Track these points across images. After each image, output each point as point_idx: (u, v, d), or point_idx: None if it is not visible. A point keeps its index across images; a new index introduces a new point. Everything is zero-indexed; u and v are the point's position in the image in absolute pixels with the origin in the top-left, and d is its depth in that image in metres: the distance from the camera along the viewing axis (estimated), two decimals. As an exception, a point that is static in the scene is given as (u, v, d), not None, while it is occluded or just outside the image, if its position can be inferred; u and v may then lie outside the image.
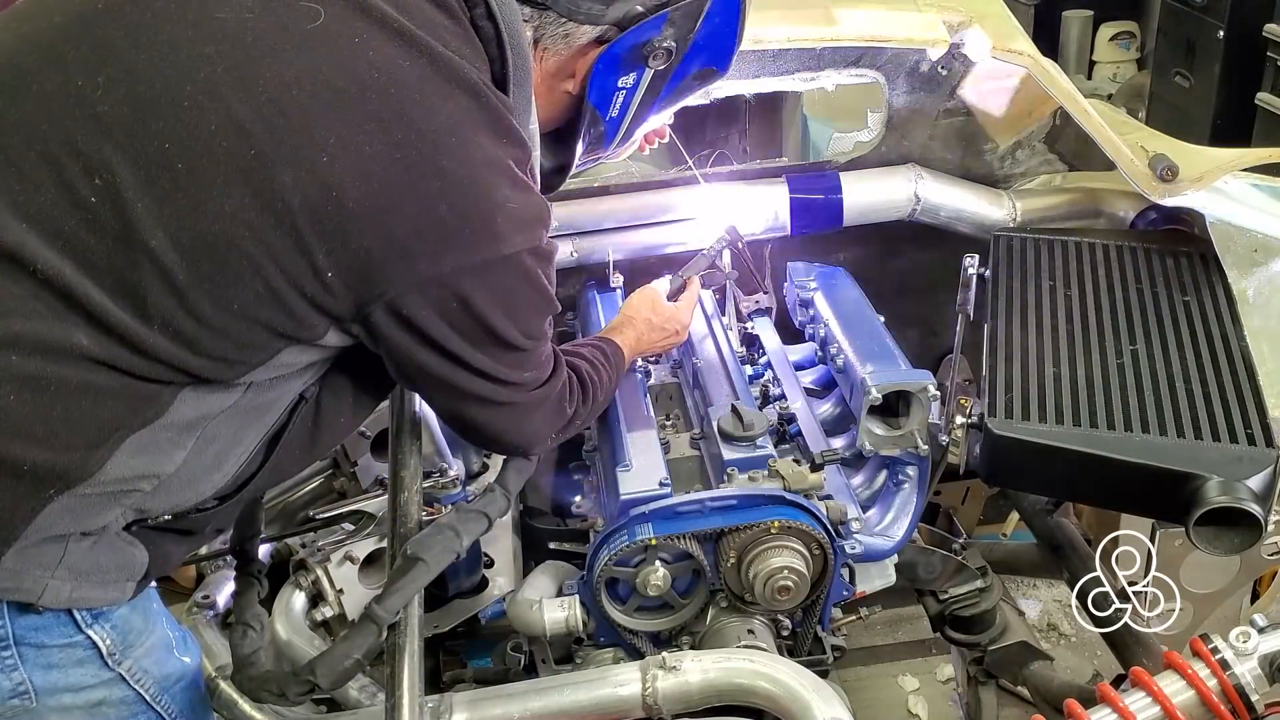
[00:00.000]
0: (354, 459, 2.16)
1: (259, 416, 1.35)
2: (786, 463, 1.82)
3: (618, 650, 1.81)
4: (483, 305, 1.33)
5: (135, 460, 1.24)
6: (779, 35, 2.26)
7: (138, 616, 1.35)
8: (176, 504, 1.32)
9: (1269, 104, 4.64)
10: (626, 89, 1.54)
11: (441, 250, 1.26)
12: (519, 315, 1.39)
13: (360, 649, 1.44)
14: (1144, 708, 1.37)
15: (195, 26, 1.21)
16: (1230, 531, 1.66)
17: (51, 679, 1.27)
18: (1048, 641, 2.93)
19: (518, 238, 1.31)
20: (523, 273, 1.35)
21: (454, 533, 1.52)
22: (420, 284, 1.27)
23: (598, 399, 1.71)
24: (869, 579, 1.91)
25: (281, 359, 1.30)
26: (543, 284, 1.40)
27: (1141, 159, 2.20)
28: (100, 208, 1.18)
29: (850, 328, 2.15)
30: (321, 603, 1.99)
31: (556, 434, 1.63)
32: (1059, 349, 1.96)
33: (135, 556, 1.31)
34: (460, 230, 1.26)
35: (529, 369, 1.47)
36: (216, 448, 1.32)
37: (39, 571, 1.22)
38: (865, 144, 2.50)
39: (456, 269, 1.28)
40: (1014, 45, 2.26)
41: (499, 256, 1.30)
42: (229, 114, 1.19)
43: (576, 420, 1.65)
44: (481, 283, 1.31)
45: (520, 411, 1.51)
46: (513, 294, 1.36)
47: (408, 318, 1.29)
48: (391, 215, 1.22)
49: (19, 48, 1.25)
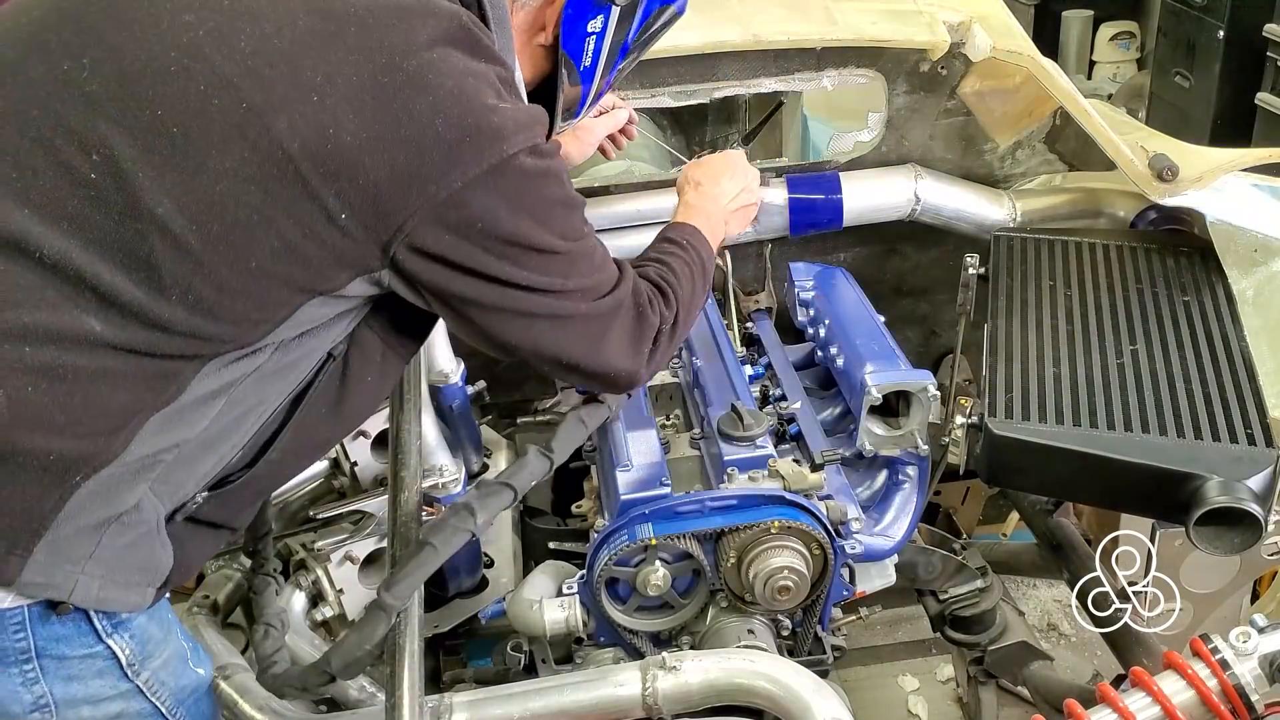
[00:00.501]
0: (354, 459, 2.16)
1: (284, 375, 1.34)
2: (786, 463, 1.82)
3: (618, 650, 1.81)
4: (506, 216, 1.29)
5: (159, 437, 1.24)
6: (779, 35, 2.26)
7: (155, 627, 1.34)
8: (200, 473, 1.31)
9: (1269, 104, 4.65)
10: (596, 33, 1.53)
11: (447, 166, 1.24)
12: (546, 216, 1.34)
13: (372, 638, 1.45)
14: (1144, 708, 1.37)
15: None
16: (1230, 531, 1.66)
17: (72, 691, 1.27)
18: (1048, 641, 2.93)
19: (518, 137, 1.28)
20: (535, 172, 1.31)
21: (468, 511, 1.52)
22: (436, 209, 1.25)
23: (682, 295, 1.58)
24: (869, 579, 1.91)
25: (305, 314, 1.28)
26: (559, 179, 1.36)
27: (1141, 159, 2.20)
28: (101, 183, 1.18)
29: (850, 328, 2.15)
30: (321, 603, 2.00)
31: (652, 347, 1.52)
32: (1059, 349, 1.96)
33: (161, 559, 1.31)
34: (460, 141, 1.24)
35: (584, 273, 1.41)
36: (239, 410, 1.31)
37: (69, 566, 1.21)
38: (865, 144, 2.50)
39: (467, 183, 1.25)
40: (1014, 45, 2.26)
41: (504, 159, 1.27)
42: (215, 72, 1.19)
43: (667, 328, 1.53)
44: (496, 192, 1.28)
45: (596, 325, 1.44)
46: (532, 195, 1.32)
47: (435, 252, 1.28)
48: (391, 142, 1.21)
49: (0, 43, 1.26)
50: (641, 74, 2.29)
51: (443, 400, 2.14)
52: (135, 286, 1.18)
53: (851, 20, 2.30)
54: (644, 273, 1.57)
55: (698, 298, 1.63)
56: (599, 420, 1.77)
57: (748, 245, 2.50)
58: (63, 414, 1.17)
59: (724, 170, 1.86)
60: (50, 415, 1.17)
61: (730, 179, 1.84)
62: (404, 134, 1.21)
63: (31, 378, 1.16)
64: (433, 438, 2.02)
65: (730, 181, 1.84)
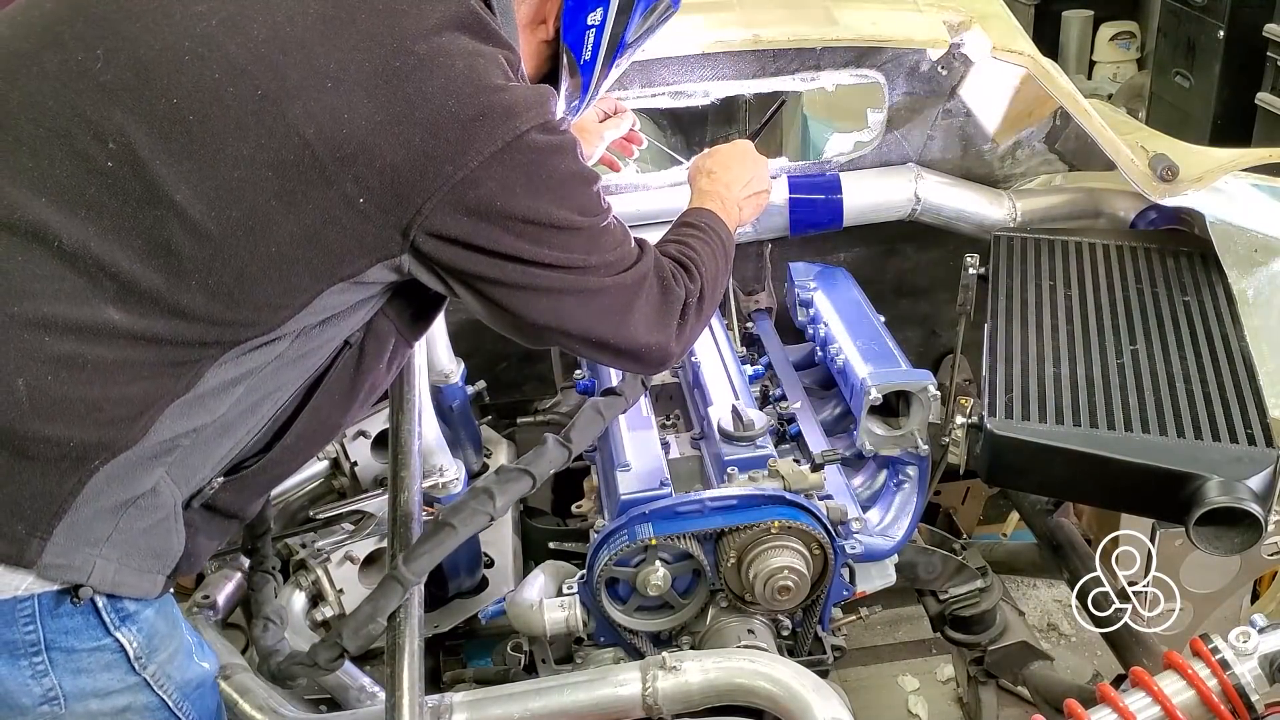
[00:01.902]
0: (354, 459, 2.16)
1: (302, 362, 1.34)
2: (786, 463, 1.82)
3: (618, 650, 1.81)
4: (523, 193, 1.30)
5: (177, 422, 1.25)
6: (779, 35, 2.26)
7: (162, 621, 1.35)
8: (216, 458, 1.32)
9: (1269, 104, 4.65)
10: (596, 26, 1.54)
11: (462, 146, 1.24)
12: (562, 192, 1.34)
13: (386, 610, 1.45)
14: (1144, 708, 1.37)
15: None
16: (1230, 531, 1.66)
17: (80, 683, 1.28)
18: (1048, 641, 2.93)
19: (529, 114, 1.29)
20: (548, 148, 1.32)
21: (487, 495, 1.53)
22: (453, 190, 1.25)
23: (706, 271, 1.57)
24: (869, 579, 1.91)
25: (326, 301, 1.28)
26: (573, 153, 1.37)
27: (1141, 159, 2.20)
28: (119, 171, 1.18)
29: (850, 328, 2.15)
30: (321, 603, 2.00)
31: (680, 320, 1.50)
32: (1059, 349, 1.96)
33: (174, 544, 1.32)
34: (474, 121, 1.25)
35: (605, 248, 1.41)
36: (256, 397, 1.32)
37: (88, 549, 1.22)
38: (865, 144, 2.50)
39: (482, 162, 1.25)
40: (1014, 45, 2.26)
41: (517, 136, 1.27)
42: (229, 61, 1.20)
43: (694, 301, 1.52)
44: (511, 171, 1.28)
45: (621, 298, 1.43)
46: (546, 171, 1.32)
47: (455, 235, 1.28)
48: (405, 125, 1.22)
49: (13, 36, 1.27)
50: (641, 74, 2.29)
51: (443, 400, 2.14)
52: (155, 273, 1.19)
53: (851, 20, 2.30)
54: (665, 250, 1.56)
55: (721, 275, 1.62)
56: (617, 412, 1.78)
57: (748, 245, 2.50)
58: (83, 403, 1.18)
59: (735, 158, 1.86)
60: (70, 404, 1.18)
61: (742, 166, 1.84)
62: (418, 116, 1.22)
63: (51, 367, 1.17)
64: (433, 438, 2.02)
65: (742, 169, 1.84)
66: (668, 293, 1.49)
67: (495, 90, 1.27)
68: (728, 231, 1.69)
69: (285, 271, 1.23)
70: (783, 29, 2.26)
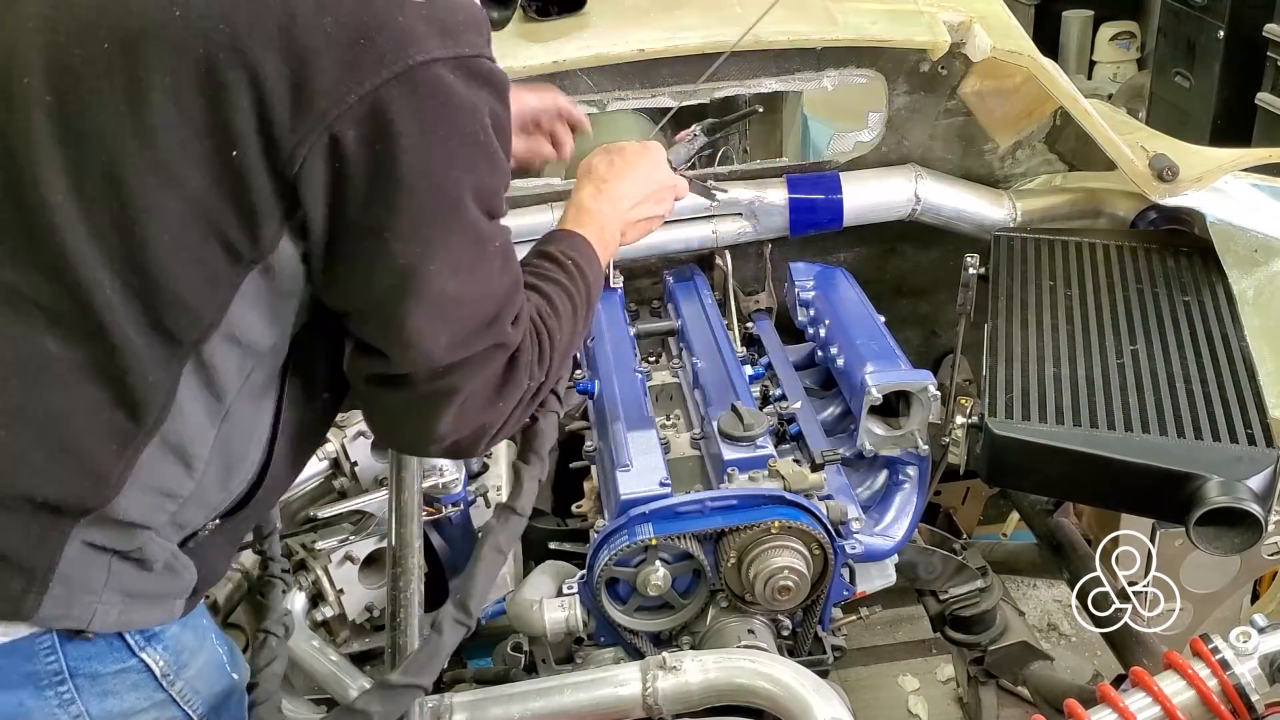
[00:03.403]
0: (354, 459, 2.16)
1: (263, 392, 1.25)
2: (787, 463, 1.82)
3: (618, 650, 1.81)
4: (409, 139, 1.08)
5: (155, 475, 1.17)
6: (779, 35, 2.26)
7: (189, 634, 1.30)
8: (210, 506, 1.26)
9: (1269, 104, 4.65)
10: None
11: (340, 75, 1.06)
12: (456, 159, 1.11)
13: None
14: (1144, 708, 1.36)
15: None
16: (1230, 531, 1.66)
17: (108, 706, 1.23)
18: (1048, 641, 2.93)
19: (434, 42, 1.08)
20: (452, 95, 1.09)
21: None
22: (329, 128, 1.06)
23: (559, 347, 1.32)
24: (869, 579, 1.91)
25: (245, 308, 1.15)
26: (482, 121, 1.12)
27: (1141, 159, 2.20)
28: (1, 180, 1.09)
29: (850, 328, 2.15)
30: (321, 603, 2.00)
31: (503, 421, 1.29)
32: (1059, 349, 1.96)
33: (184, 577, 1.26)
34: (354, 45, 1.06)
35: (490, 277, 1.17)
36: (235, 443, 1.23)
37: (87, 597, 1.17)
38: (865, 144, 2.50)
39: (362, 96, 1.06)
40: (1014, 45, 2.26)
41: (413, 66, 1.07)
42: (75, 18, 1.09)
43: (527, 396, 1.29)
44: (403, 110, 1.07)
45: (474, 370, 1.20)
46: (444, 123, 1.10)
47: (342, 152, 1.07)
48: (271, 52, 1.05)
49: None
50: (641, 74, 2.29)
51: (443, 400, 2.13)
52: (66, 290, 1.10)
53: (851, 20, 2.30)
54: None
55: (576, 341, 1.37)
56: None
57: (748, 245, 2.50)
58: (41, 454, 1.12)
59: (638, 167, 1.57)
60: (30, 457, 1.12)
61: (643, 179, 1.57)
62: (284, 43, 1.05)
63: (3, 418, 1.11)
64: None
65: (640, 182, 1.56)
66: (509, 382, 1.24)
67: (390, 8, 1.07)
68: (597, 270, 1.42)
69: (190, 257, 1.11)
70: (783, 29, 2.26)
